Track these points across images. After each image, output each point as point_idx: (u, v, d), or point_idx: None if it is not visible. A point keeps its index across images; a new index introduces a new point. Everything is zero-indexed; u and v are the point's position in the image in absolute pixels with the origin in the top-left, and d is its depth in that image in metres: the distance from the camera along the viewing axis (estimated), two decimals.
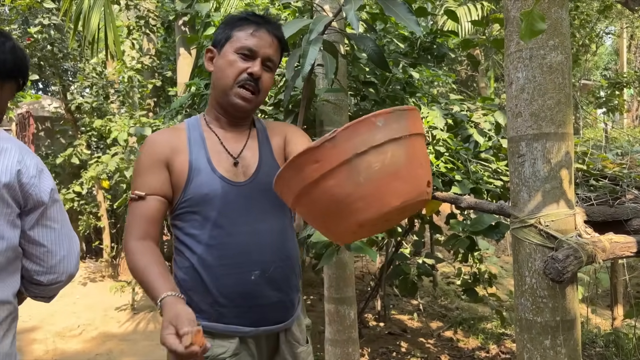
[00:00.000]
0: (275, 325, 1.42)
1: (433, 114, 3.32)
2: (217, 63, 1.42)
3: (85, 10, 3.61)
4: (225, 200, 1.36)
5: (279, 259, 1.42)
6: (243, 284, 1.36)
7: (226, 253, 1.36)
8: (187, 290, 1.37)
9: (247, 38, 1.39)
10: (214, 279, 1.35)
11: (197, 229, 1.37)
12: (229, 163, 1.42)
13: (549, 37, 1.70)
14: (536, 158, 1.72)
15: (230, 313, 1.36)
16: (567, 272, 1.58)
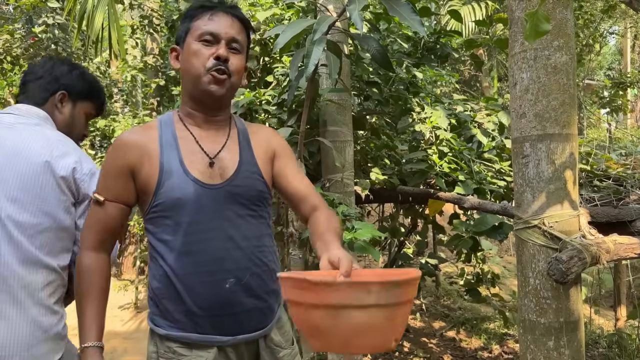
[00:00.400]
0: (254, 332, 1.37)
1: (437, 114, 3.32)
2: (183, 58, 1.35)
3: (89, 10, 3.62)
4: (198, 204, 1.29)
5: (254, 265, 1.35)
6: (218, 292, 1.30)
7: (199, 261, 1.30)
8: (161, 299, 1.32)
9: (205, 24, 1.33)
10: (188, 289, 1.29)
11: (170, 234, 1.30)
12: (204, 164, 1.33)
13: (553, 38, 1.70)
14: (540, 159, 1.72)
15: (205, 323, 1.31)
16: (571, 274, 1.59)
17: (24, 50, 6.40)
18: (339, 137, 2.83)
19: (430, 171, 3.11)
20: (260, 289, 1.36)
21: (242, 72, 1.40)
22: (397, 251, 4.54)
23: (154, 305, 1.35)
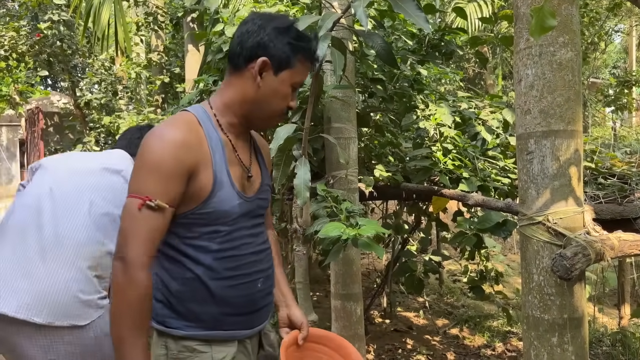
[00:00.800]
0: (263, 323, 1.48)
1: (441, 111, 3.32)
2: (270, 85, 1.31)
3: (95, 6, 3.63)
4: (238, 215, 1.33)
5: (270, 265, 1.48)
6: (250, 292, 1.38)
7: (237, 264, 1.34)
8: (183, 301, 1.31)
9: (304, 73, 1.37)
10: (222, 289, 1.32)
11: (206, 241, 1.30)
12: (244, 177, 1.38)
13: (558, 34, 1.70)
14: (545, 155, 1.72)
15: (233, 320, 1.36)
16: (575, 270, 1.59)
17: (30, 47, 6.43)
18: (343, 133, 2.84)
19: (434, 168, 3.11)
20: (272, 286, 1.50)
21: None
22: (400, 248, 4.55)
23: (168, 307, 1.32)
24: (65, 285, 1.67)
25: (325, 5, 2.80)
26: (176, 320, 1.31)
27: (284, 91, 1.33)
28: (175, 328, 1.31)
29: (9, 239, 1.76)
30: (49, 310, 1.64)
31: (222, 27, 3.11)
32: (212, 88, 3.39)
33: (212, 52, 3.30)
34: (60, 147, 8.02)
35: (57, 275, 1.68)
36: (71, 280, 1.68)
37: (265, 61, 1.29)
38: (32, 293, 1.64)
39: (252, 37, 1.32)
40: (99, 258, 1.76)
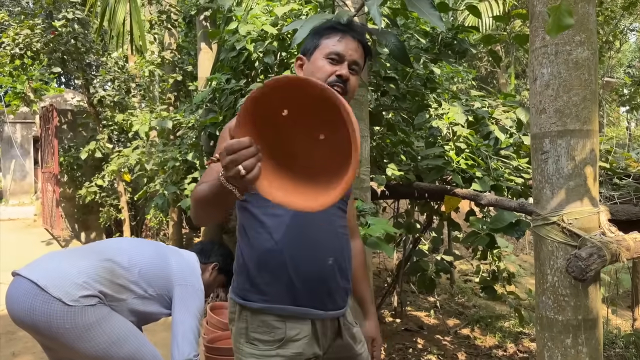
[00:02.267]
0: (338, 310, 1.51)
1: (454, 110, 3.30)
2: (307, 69, 1.52)
3: (111, 4, 3.66)
4: None
5: (346, 250, 1.54)
6: (320, 268, 1.44)
7: (307, 237, 1.44)
8: (261, 270, 1.43)
9: (334, 44, 1.49)
10: (294, 260, 1.41)
11: (281, 209, 1.36)
12: None
13: (575, 33, 1.68)
14: (560, 155, 1.70)
15: (304, 295, 1.42)
16: (591, 271, 1.57)
17: (44, 45, 6.49)
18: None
19: (447, 167, 3.09)
20: (347, 272, 1.54)
21: (356, 89, 1.57)
22: (412, 248, 4.53)
23: (247, 280, 1.45)
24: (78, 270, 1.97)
25: (339, 4, 2.79)
26: (254, 294, 1.43)
27: (318, 64, 1.48)
28: (253, 301, 1.43)
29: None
30: (51, 280, 1.94)
31: (235, 26, 3.12)
32: (224, 86, 3.40)
33: (225, 50, 3.31)
34: (73, 144, 8.09)
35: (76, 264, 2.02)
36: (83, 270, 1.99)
37: (299, 57, 1.57)
38: (49, 269, 1.99)
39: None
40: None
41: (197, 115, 4.69)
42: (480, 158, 3.13)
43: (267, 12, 3.18)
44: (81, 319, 1.91)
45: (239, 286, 1.47)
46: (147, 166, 5.06)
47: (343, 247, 1.53)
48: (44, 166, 8.38)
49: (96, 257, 2.07)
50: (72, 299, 1.90)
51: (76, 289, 1.93)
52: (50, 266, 2.01)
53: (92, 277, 1.98)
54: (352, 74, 1.49)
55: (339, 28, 1.52)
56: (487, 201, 2.70)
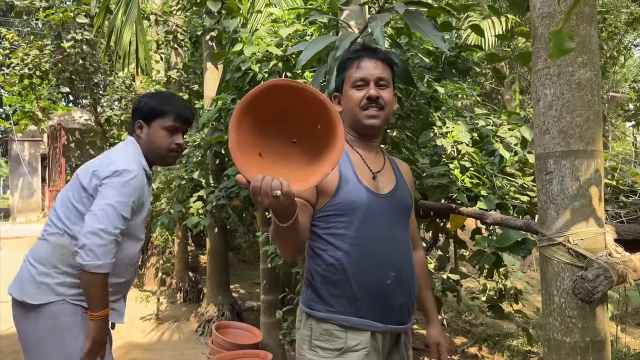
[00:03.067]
0: (399, 325, 1.58)
1: (458, 128, 3.31)
2: (343, 103, 1.67)
3: (118, 26, 3.71)
4: (369, 207, 1.55)
5: (408, 266, 1.61)
6: (381, 281, 1.52)
7: (369, 252, 1.53)
8: (325, 285, 1.53)
9: (355, 72, 1.62)
10: (356, 275, 1.50)
11: (343, 229, 1.53)
12: (370, 177, 1.62)
13: (577, 54, 1.69)
14: (564, 175, 1.70)
15: (366, 308, 1.51)
16: (597, 292, 1.56)
17: (53, 65, 6.58)
18: None
19: (452, 186, 3.09)
20: (410, 288, 1.61)
21: (394, 100, 1.69)
22: None
23: (313, 292, 1.56)
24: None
25: (343, 25, 2.83)
26: (319, 304, 1.54)
27: (349, 95, 1.64)
28: (318, 311, 1.53)
29: None
30: (15, 284, 2.02)
31: (241, 47, 3.16)
32: (230, 106, 3.43)
33: (231, 70, 3.35)
34: (80, 162, 8.15)
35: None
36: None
37: (335, 95, 1.72)
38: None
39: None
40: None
41: (203, 134, 4.72)
42: (485, 176, 3.13)
43: (272, 33, 3.22)
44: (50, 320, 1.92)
45: (307, 297, 1.59)
46: (154, 185, 5.09)
47: (405, 262, 1.60)
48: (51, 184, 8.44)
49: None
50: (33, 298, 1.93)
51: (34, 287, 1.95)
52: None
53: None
54: (381, 89, 1.61)
55: (354, 56, 1.65)
56: (493, 220, 2.69)
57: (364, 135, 1.67)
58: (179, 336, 5.33)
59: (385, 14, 2.27)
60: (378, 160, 1.70)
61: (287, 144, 1.29)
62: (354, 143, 1.67)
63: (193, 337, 5.32)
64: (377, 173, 1.64)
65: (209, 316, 5.46)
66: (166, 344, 5.11)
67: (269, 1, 3.94)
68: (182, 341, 5.20)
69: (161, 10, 5.95)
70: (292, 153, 1.29)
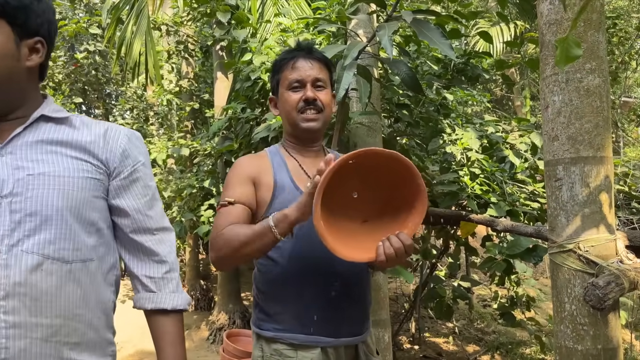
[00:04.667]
0: (353, 337, 1.50)
1: (467, 135, 3.31)
2: (279, 105, 1.60)
3: (128, 38, 3.77)
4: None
5: (354, 274, 1.50)
6: (324, 294, 1.45)
7: (309, 264, 1.44)
8: (269, 302, 1.47)
9: (290, 73, 1.54)
10: (299, 288, 1.43)
11: (281, 242, 1.38)
12: (308, 182, 1.51)
13: (585, 61, 1.69)
14: (574, 182, 1.70)
15: (312, 324, 1.43)
16: (609, 299, 1.55)
17: (66, 76, 6.68)
18: None
19: (461, 193, 3.09)
20: (360, 296, 1.53)
21: (331, 102, 1.61)
22: (429, 273, 4.49)
23: (260, 310, 1.49)
24: None
25: (351, 34, 2.85)
26: (267, 323, 1.47)
27: (284, 98, 1.55)
28: (266, 330, 1.46)
29: None
30: None
31: (250, 57, 3.19)
32: (240, 115, 3.46)
33: (241, 80, 3.38)
34: None
35: None
36: None
37: (271, 98, 1.66)
38: None
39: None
40: None
41: (213, 143, 4.76)
42: (495, 183, 3.12)
43: (281, 43, 3.24)
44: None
45: (255, 316, 1.51)
46: (165, 193, 5.13)
47: (350, 270, 1.48)
48: None
49: None
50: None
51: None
52: None
53: None
54: (319, 90, 1.53)
55: (289, 57, 1.57)
56: (503, 227, 2.68)
57: (303, 140, 1.58)
58: (190, 344, 5.35)
59: (393, 22, 2.29)
60: (317, 163, 1.57)
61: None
62: (291, 149, 1.60)
63: (204, 345, 5.33)
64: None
65: (220, 324, 5.47)
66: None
67: (278, 11, 3.98)
68: (193, 349, 5.22)
69: (172, 21, 6.02)
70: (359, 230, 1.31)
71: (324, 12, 3.17)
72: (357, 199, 1.30)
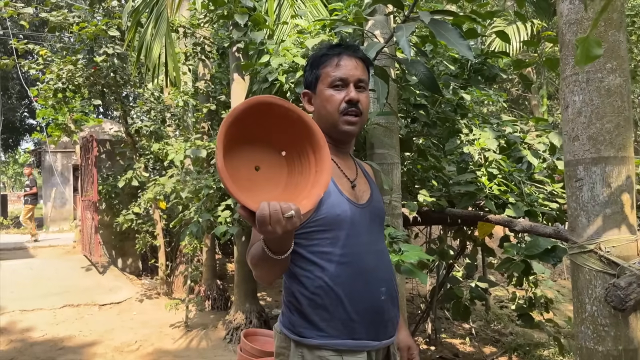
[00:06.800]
0: (391, 338, 1.49)
1: (485, 135, 3.29)
2: (316, 103, 1.52)
3: (148, 41, 3.82)
4: (352, 220, 1.43)
5: (394, 277, 1.52)
6: (374, 299, 1.42)
7: (358, 270, 1.41)
8: (315, 309, 1.39)
9: (334, 71, 1.48)
10: (348, 295, 1.39)
11: (328, 247, 1.39)
12: (349, 186, 1.50)
13: (606, 60, 1.69)
14: (595, 182, 1.69)
15: (361, 328, 1.40)
16: (630, 300, 1.54)
17: (85, 79, 6.78)
18: (387, 159, 2.86)
19: (479, 193, 3.08)
20: (397, 299, 1.51)
21: (369, 104, 1.57)
22: (445, 274, 4.48)
23: (301, 317, 1.41)
24: None
25: (368, 35, 2.86)
26: (310, 330, 1.40)
27: (325, 96, 1.49)
28: (309, 337, 1.39)
29: None
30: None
31: (267, 58, 3.21)
32: None
33: (258, 82, 3.40)
34: (111, 173, 8.35)
35: None
36: None
37: (305, 92, 1.57)
38: None
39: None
40: None
41: None
42: (513, 183, 3.10)
43: (298, 44, 3.26)
44: None
45: (293, 322, 1.43)
46: (182, 194, 5.18)
47: (392, 273, 1.51)
48: (84, 194, 8.65)
49: None
50: None
51: None
52: None
53: None
54: (360, 91, 1.49)
55: (333, 52, 1.51)
56: (522, 227, 2.67)
57: (338, 141, 1.54)
58: (207, 343, 5.39)
59: (411, 23, 2.29)
60: (351, 167, 1.58)
61: (275, 160, 1.24)
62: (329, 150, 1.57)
63: (221, 344, 5.37)
64: (354, 181, 1.53)
65: (236, 324, 5.51)
66: (195, 351, 5.18)
67: (295, 13, 4.00)
68: (210, 348, 5.26)
69: (189, 23, 6.07)
70: (280, 173, 1.24)
71: (340, 14, 3.18)
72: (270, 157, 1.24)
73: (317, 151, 1.20)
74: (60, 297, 6.61)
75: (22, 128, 22.84)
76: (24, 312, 6.12)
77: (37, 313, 6.15)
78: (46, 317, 6.06)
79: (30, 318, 5.96)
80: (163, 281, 7.33)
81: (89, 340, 5.32)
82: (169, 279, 7.45)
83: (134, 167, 7.34)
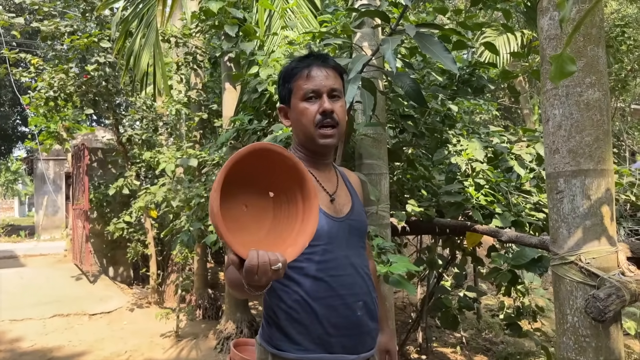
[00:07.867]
0: (370, 351, 1.49)
1: (472, 146, 3.32)
2: (292, 116, 1.52)
3: (136, 50, 3.84)
4: (330, 234, 1.42)
5: (372, 290, 1.50)
6: (350, 314, 1.42)
7: (333, 285, 1.41)
8: (292, 323, 1.40)
9: (305, 83, 1.47)
10: (324, 311, 1.39)
11: (304, 262, 1.39)
12: (327, 200, 1.49)
13: (585, 75, 1.72)
14: (575, 194, 1.71)
15: (338, 343, 1.40)
16: (609, 312, 1.56)
17: (77, 88, 6.77)
18: (375, 170, 2.88)
19: (466, 203, 3.10)
20: (376, 312, 1.51)
21: (345, 113, 1.54)
22: (435, 283, 4.49)
23: (279, 331, 1.42)
24: None
25: (356, 47, 2.89)
26: (287, 344, 1.40)
27: (299, 109, 1.48)
28: (286, 351, 1.40)
29: None
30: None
31: (257, 69, 3.23)
32: (247, 126, 3.50)
33: (248, 92, 3.43)
34: (103, 181, 8.32)
35: None
36: None
37: (280, 107, 1.56)
38: None
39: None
40: None
41: (221, 153, 4.81)
42: (500, 194, 3.13)
43: (288, 55, 3.29)
44: None
45: (271, 336, 1.45)
46: (173, 203, 5.18)
47: (369, 287, 1.49)
48: (75, 203, 8.62)
49: None
50: None
51: None
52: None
53: None
54: (334, 101, 1.48)
55: (302, 65, 1.50)
56: (508, 237, 2.69)
57: (316, 154, 1.52)
58: (197, 353, 5.37)
59: (396, 36, 2.32)
60: (332, 179, 1.57)
61: (263, 202, 1.25)
62: (306, 163, 1.51)
63: (212, 354, 5.35)
64: (334, 194, 1.52)
65: (227, 333, 5.49)
66: None
67: (285, 24, 4.04)
68: (201, 358, 5.24)
69: (181, 33, 6.10)
70: (265, 215, 1.25)
71: (329, 25, 3.21)
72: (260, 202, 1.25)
73: (307, 200, 1.21)
74: (50, 307, 6.57)
75: (15, 135, 22.71)
76: (13, 321, 6.08)
77: (27, 323, 6.11)
78: (36, 326, 6.01)
79: (19, 328, 5.92)
80: (154, 290, 7.30)
81: (79, 351, 5.28)
82: (160, 288, 7.42)
83: (125, 176, 7.33)
